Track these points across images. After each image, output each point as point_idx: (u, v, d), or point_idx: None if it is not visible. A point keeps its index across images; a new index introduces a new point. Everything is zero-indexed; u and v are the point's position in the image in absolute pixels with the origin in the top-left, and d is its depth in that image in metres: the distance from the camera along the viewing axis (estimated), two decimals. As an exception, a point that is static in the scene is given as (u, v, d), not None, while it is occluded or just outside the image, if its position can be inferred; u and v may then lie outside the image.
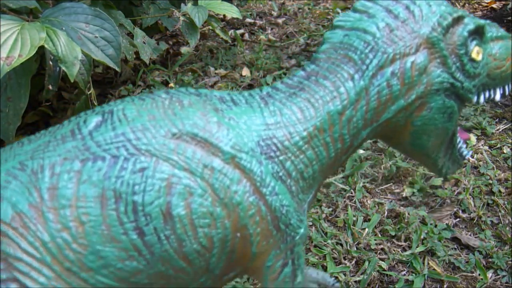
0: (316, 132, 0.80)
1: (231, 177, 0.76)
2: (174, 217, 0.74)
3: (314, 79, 0.82)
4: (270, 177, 0.77)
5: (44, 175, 0.74)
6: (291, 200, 0.78)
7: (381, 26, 0.81)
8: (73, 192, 0.73)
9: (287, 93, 0.83)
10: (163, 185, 0.74)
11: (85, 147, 0.76)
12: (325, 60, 0.83)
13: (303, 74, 0.84)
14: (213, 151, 0.76)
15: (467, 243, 1.60)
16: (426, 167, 0.98)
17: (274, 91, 0.84)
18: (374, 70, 0.80)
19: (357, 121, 0.81)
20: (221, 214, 0.76)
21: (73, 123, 0.82)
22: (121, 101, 0.85)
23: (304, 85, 0.82)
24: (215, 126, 0.78)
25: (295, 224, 0.80)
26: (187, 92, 0.85)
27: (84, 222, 0.72)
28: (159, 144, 0.76)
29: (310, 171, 0.80)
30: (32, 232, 0.71)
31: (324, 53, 0.83)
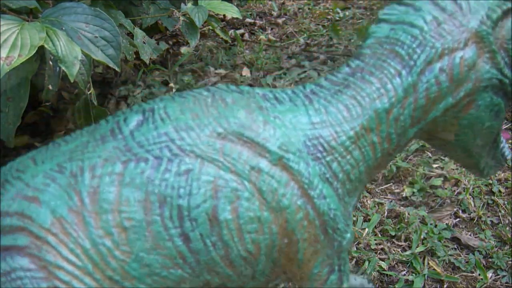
0: (363, 132, 0.77)
1: (279, 179, 0.73)
2: (220, 222, 0.71)
3: (359, 75, 0.78)
4: (318, 179, 0.74)
5: (84, 178, 0.71)
6: (338, 203, 0.76)
7: (428, 19, 0.77)
8: (115, 195, 0.70)
9: (331, 90, 0.79)
10: (209, 188, 0.71)
11: (126, 147, 0.73)
12: (370, 55, 0.79)
13: (348, 70, 0.80)
14: (260, 152, 0.73)
15: (467, 243, 1.60)
16: (466, 167, 0.93)
17: (318, 88, 0.80)
18: (422, 65, 0.76)
19: (405, 119, 0.77)
20: (269, 219, 0.72)
21: (112, 122, 0.79)
22: (160, 99, 0.82)
23: (350, 82, 0.79)
24: (261, 125, 0.74)
25: (342, 229, 0.77)
26: (228, 89, 0.82)
27: (127, 228, 0.69)
28: (204, 144, 0.72)
29: (356, 173, 0.78)
30: (73, 238, 0.68)
31: (369, 48, 0.80)
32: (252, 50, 2.84)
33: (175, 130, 0.74)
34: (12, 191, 0.71)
